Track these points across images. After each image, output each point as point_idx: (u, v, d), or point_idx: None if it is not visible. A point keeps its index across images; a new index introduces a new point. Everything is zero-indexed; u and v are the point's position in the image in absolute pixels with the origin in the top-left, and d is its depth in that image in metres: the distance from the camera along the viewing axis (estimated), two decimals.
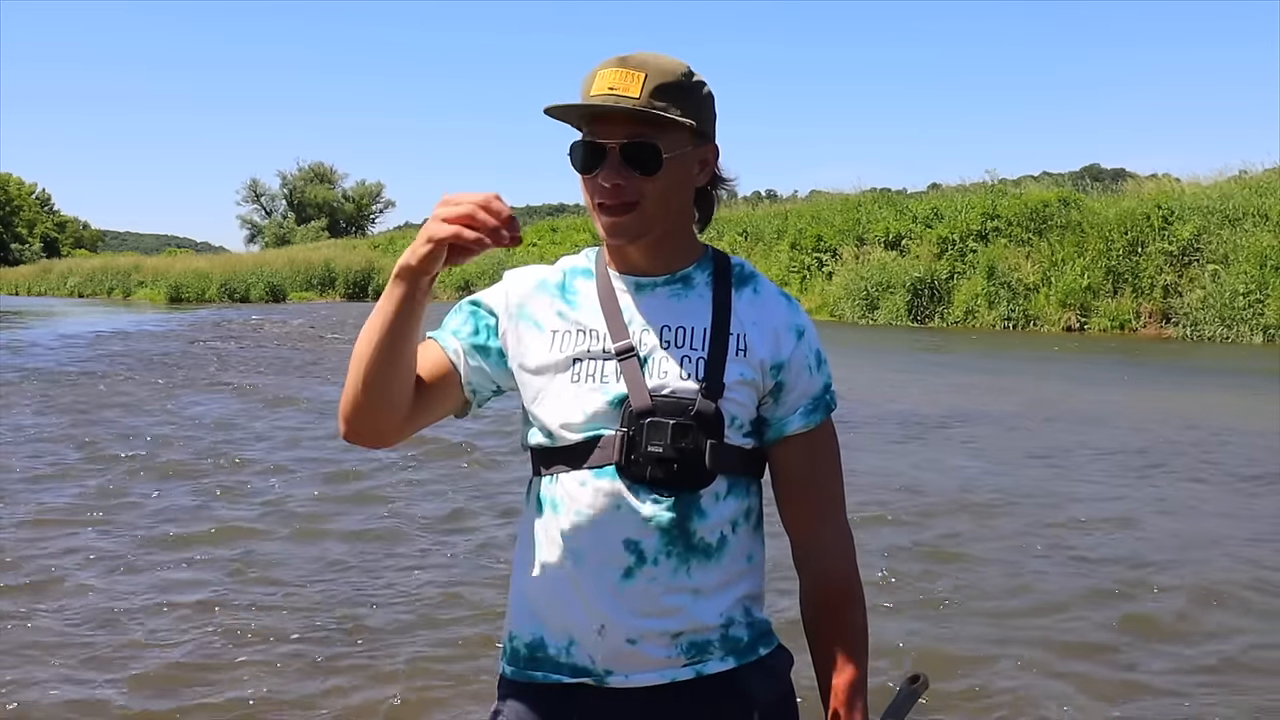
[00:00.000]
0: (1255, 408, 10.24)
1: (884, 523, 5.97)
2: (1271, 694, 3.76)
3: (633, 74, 1.44)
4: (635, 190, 1.46)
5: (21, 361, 15.32)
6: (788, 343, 1.54)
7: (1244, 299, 17.57)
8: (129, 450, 8.16)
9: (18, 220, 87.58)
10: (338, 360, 15.33)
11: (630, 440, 1.46)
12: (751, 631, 1.54)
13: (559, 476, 1.51)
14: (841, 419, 1.60)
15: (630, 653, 1.47)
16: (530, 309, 1.56)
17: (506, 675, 1.57)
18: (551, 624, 1.51)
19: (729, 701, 1.51)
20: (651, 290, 1.54)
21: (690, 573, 1.48)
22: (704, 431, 1.46)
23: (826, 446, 1.57)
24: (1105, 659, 4.09)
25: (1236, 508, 6.35)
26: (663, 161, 1.46)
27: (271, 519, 6.15)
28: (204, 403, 11.07)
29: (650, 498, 1.46)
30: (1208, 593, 4.79)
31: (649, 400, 1.46)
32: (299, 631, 4.38)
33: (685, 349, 1.50)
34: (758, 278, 1.59)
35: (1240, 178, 21.30)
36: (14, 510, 6.30)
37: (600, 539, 1.47)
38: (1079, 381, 12.45)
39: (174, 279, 40.71)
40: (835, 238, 25.21)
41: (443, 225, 1.37)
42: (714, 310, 1.52)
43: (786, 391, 1.53)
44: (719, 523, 1.50)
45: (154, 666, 4.01)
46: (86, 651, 4.15)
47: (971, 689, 3.83)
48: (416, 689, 3.82)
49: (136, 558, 5.38)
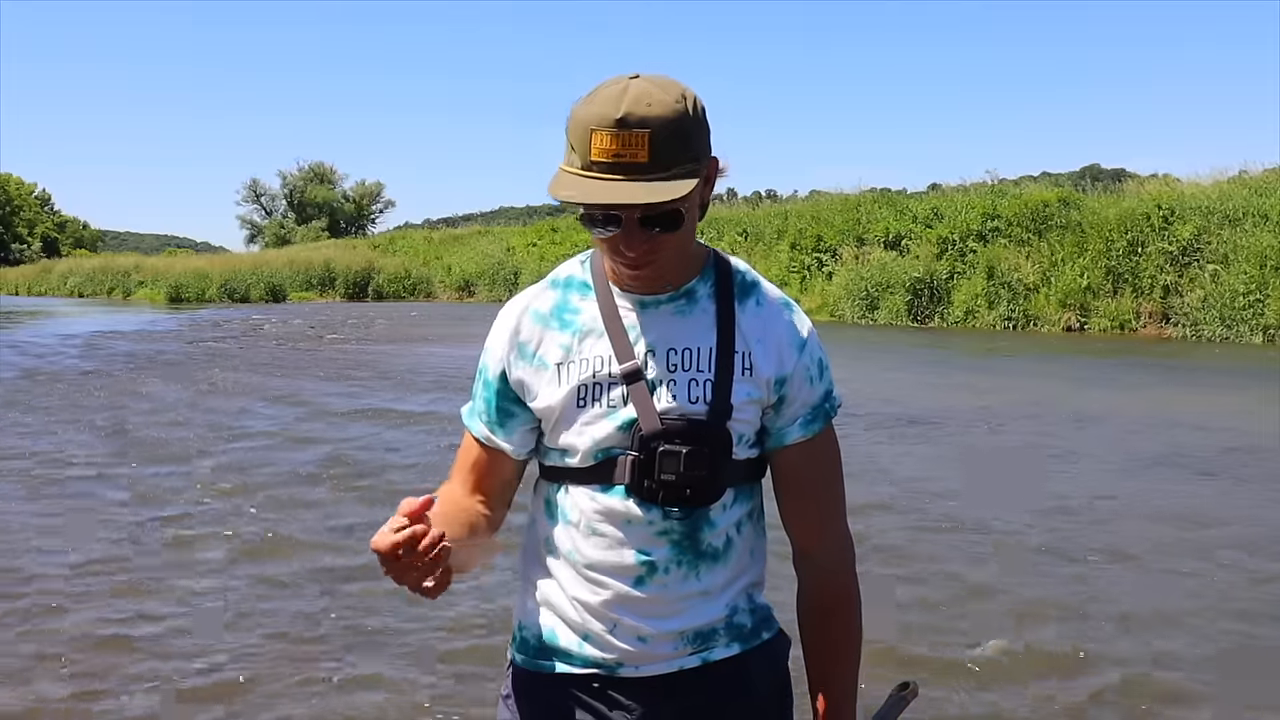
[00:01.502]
0: (1255, 408, 10.24)
1: (883, 523, 5.98)
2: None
3: (635, 135, 1.34)
4: (655, 249, 1.42)
5: (21, 360, 15.32)
6: (790, 357, 1.52)
7: (1244, 299, 17.55)
8: (132, 449, 8.16)
9: (18, 220, 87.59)
10: (338, 361, 15.31)
11: (642, 464, 1.45)
12: (754, 618, 1.57)
13: (569, 488, 1.51)
14: (842, 419, 1.60)
15: (641, 649, 1.50)
16: (531, 348, 1.52)
17: (516, 662, 1.60)
18: (563, 620, 1.54)
19: (734, 686, 1.53)
20: (655, 308, 1.50)
21: (700, 577, 1.50)
22: (714, 453, 1.46)
23: (827, 453, 1.56)
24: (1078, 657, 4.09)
25: (1236, 508, 6.35)
26: (683, 220, 1.42)
27: (268, 514, 6.16)
28: (205, 402, 11.07)
29: (661, 514, 1.47)
30: (1187, 590, 4.78)
31: (659, 424, 1.45)
32: (299, 627, 4.39)
33: (692, 371, 1.47)
34: (760, 286, 1.55)
35: (1240, 178, 21.26)
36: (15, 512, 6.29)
37: (612, 550, 1.49)
38: (1078, 381, 12.44)
39: (174, 279, 40.68)
40: (835, 238, 25.19)
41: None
42: (719, 329, 1.50)
43: (788, 403, 1.52)
44: (726, 528, 1.51)
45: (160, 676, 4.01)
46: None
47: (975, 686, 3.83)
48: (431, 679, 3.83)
49: (136, 557, 5.39)
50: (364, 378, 13.34)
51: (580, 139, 1.37)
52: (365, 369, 14.41)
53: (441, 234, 48.44)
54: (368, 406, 10.59)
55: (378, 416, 9.90)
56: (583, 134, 1.36)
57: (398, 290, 39.62)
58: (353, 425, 9.46)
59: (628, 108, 1.34)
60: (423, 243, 46.08)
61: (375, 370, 14.24)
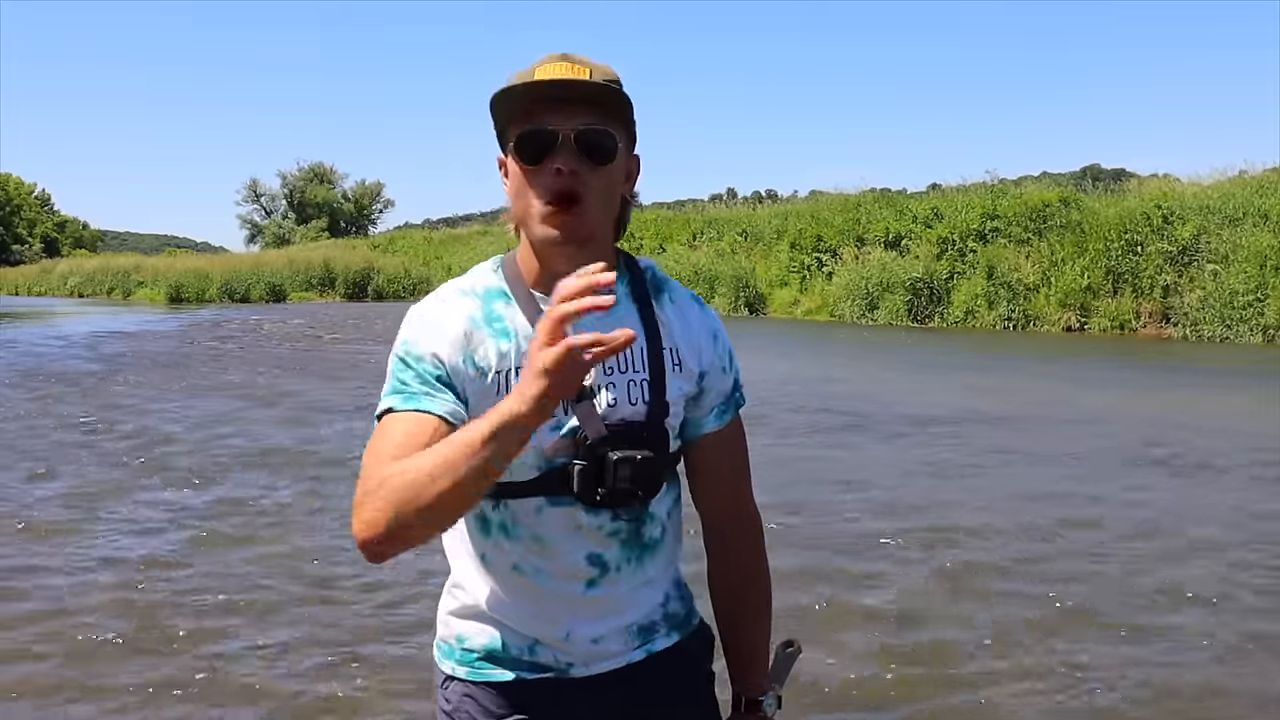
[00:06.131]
0: (1255, 408, 10.24)
1: (881, 521, 5.98)
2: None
3: (578, 66, 1.41)
4: (583, 182, 1.40)
5: (20, 359, 15.31)
6: (708, 349, 1.55)
7: (1244, 299, 17.56)
8: (134, 449, 8.15)
9: (18, 220, 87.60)
10: (338, 359, 15.29)
11: (592, 472, 1.43)
12: (684, 604, 1.64)
13: (508, 503, 1.46)
14: (839, 418, 1.60)
15: (593, 650, 1.52)
16: (471, 352, 1.44)
17: (459, 676, 1.55)
18: (511, 630, 1.52)
19: (677, 671, 1.59)
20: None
21: (644, 568, 1.54)
22: (658, 453, 1.48)
23: (737, 441, 1.61)
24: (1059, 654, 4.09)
25: (1236, 508, 6.35)
26: (617, 151, 1.42)
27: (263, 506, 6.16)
28: (202, 401, 11.06)
29: (610, 516, 1.48)
30: (1188, 589, 4.79)
31: (603, 429, 1.43)
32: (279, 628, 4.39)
33: (629, 373, 1.47)
34: (669, 282, 1.57)
35: (1240, 178, 21.28)
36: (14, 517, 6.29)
37: (562, 558, 1.48)
38: (1078, 382, 12.44)
39: (174, 279, 40.64)
40: (835, 238, 25.19)
41: (554, 359, 1.18)
42: (645, 328, 1.50)
43: (704, 394, 1.56)
44: (661, 518, 1.55)
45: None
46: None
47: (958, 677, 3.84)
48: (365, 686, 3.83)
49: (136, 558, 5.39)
50: (366, 377, 13.35)
51: (524, 75, 1.42)
52: (366, 369, 14.41)
53: (441, 234, 48.49)
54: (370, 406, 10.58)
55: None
56: (526, 72, 1.42)
57: (398, 290, 39.60)
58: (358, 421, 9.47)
59: (568, 52, 1.44)
60: (423, 243, 46.09)
61: (377, 370, 14.25)
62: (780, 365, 13.49)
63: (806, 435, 8.65)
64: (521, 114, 1.41)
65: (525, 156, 1.42)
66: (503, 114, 1.44)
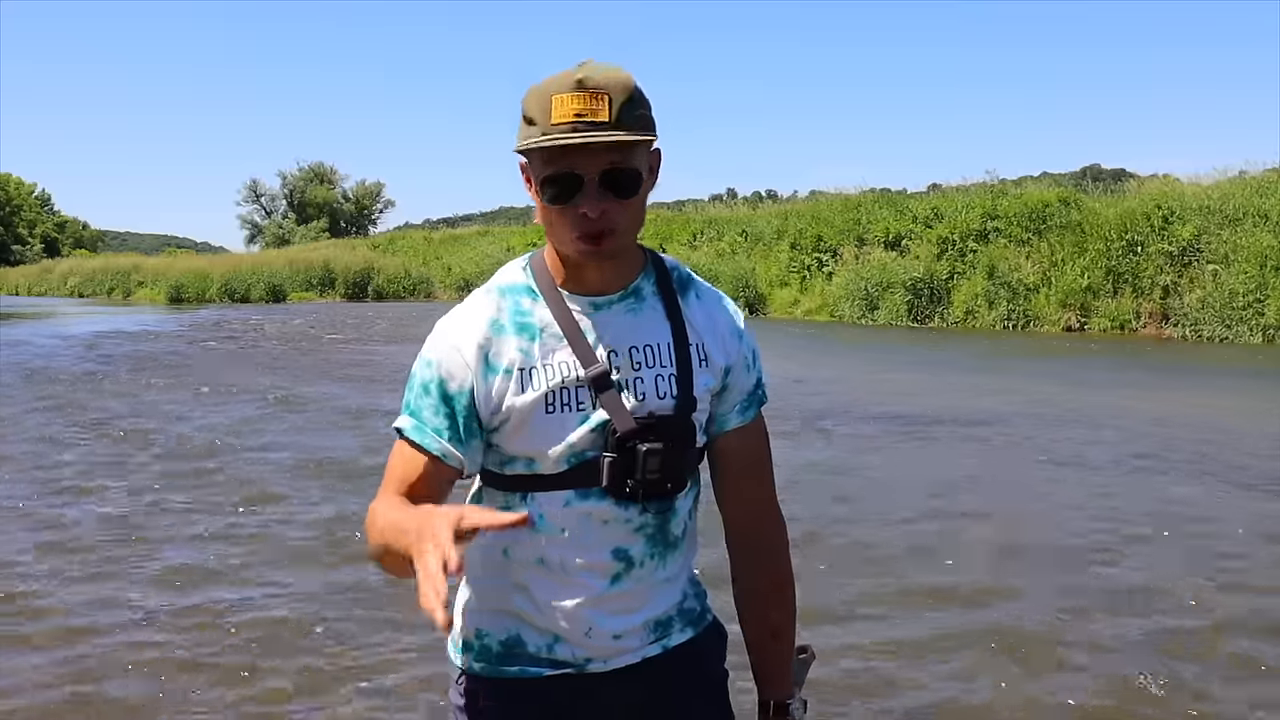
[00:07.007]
0: (1255, 408, 10.24)
1: (880, 519, 5.98)
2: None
3: (597, 96, 1.38)
4: (611, 220, 1.42)
5: (22, 358, 15.32)
6: (733, 346, 1.58)
7: (1244, 299, 17.56)
8: (139, 448, 8.15)
9: (18, 220, 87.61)
10: (338, 358, 15.29)
11: (621, 465, 1.46)
12: (699, 601, 1.66)
13: (535, 496, 1.50)
14: (839, 418, 1.61)
15: (613, 645, 1.54)
16: (497, 359, 1.48)
17: (474, 671, 1.57)
18: (532, 625, 1.54)
19: (691, 667, 1.61)
20: (608, 309, 1.51)
21: (666, 565, 1.56)
22: (686, 446, 1.51)
23: (760, 437, 1.63)
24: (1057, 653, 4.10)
25: (1236, 509, 6.35)
26: (642, 182, 1.44)
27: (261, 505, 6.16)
28: (207, 402, 11.07)
29: (639, 510, 1.51)
30: (1187, 586, 4.79)
31: (633, 423, 1.46)
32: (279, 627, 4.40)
33: (656, 368, 1.50)
34: (695, 280, 1.60)
35: (1240, 178, 21.25)
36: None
37: (588, 552, 1.50)
38: (1078, 382, 12.44)
39: (174, 279, 40.65)
40: (835, 238, 25.20)
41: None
42: (671, 323, 1.53)
43: (730, 391, 1.58)
44: (684, 516, 1.57)
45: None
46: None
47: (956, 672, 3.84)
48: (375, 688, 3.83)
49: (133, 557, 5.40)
50: (365, 377, 13.35)
51: (540, 106, 1.40)
52: (367, 368, 14.42)
53: (441, 234, 48.47)
54: (372, 405, 10.60)
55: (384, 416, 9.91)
56: (543, 101, 1.40)
57: (397, 290, 39.62)
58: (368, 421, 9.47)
59: (585, 74, 1.39)
60: (422, 243, 46.09)
61: (377, 370, 14.25)
62: (785, 365, 13.49)
63: (806, 435, 8.68)
64: (545, 153, 1.41)
65: (552, 198, 1.43)
66: (525, 141, 1.43)
